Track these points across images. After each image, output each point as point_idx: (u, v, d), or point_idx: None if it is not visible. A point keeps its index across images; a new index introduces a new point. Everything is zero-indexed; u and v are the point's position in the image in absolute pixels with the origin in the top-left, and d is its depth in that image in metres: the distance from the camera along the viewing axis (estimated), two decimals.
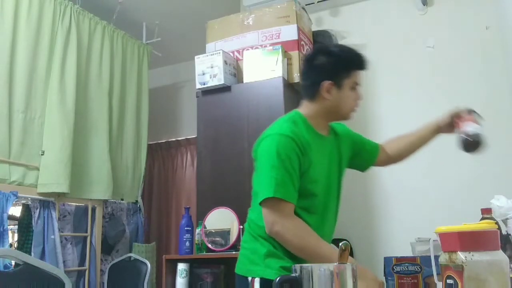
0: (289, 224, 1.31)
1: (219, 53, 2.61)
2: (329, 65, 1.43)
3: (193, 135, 3.85)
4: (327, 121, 1.50)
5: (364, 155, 1.65)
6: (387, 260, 1.34)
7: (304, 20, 2.78)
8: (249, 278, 1.37)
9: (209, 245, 2.39)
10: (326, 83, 1.40)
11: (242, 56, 2.70)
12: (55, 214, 2.92)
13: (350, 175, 2.89)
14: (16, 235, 3.46)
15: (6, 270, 2.18)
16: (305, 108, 1.48)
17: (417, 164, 2.75)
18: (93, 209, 3.28)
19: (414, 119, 2.84)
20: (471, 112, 1.66)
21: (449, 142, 2.70)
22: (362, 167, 1.70)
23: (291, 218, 1.32)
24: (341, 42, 3.06)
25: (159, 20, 3.77)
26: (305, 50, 2.69)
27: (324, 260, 1.22)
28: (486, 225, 0.78)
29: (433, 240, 1.25)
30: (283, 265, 1.35)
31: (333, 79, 1.41)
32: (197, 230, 2.45)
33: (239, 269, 1.46)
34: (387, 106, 2.92)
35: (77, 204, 3.20)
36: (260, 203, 1.33)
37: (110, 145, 3.37)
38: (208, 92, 2.68)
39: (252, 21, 2.77)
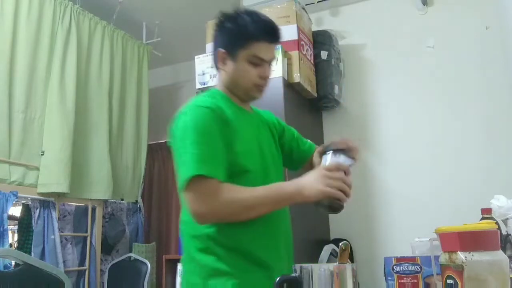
0: (219, 199, 1.12)
1: None
2: (226, 33, 1.29)
3: None
4: (237, 96, 1.33)
5: (299, 153, 1.50)
6: (387, 260, 1.34)
7: (304, 20, 2.77)
8: None
9: None
10: (220, 52, 1.29)
11: None
12: (55, 214, 2.92)
13: None
14: (16, 235, 3.46)
15: (6, 270, 2.18)
16: (217, 81, 1.38)
17: (417, 164, 2.75)
18: (93, 209, 3.28)
19: (414, 118, 2.85)
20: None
21: (449, 142, 2.71)
22: (294, 166, 1.52)
23: (219, 192, 1.12)
24: (341, 42, 3.06)
25: (159, 20, 3.77)
26: (305, 50, 2.69)
27: (274, 201, 1.16)
28: (486, 225, 0.78)
29: (433, 240, 1.25)
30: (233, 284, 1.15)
31: (227, 48, 1.27)
32: None
33: None
34: (387, 106, 2.92)
35: (77, 204, 3.20)
36: (183, 190, 1.13)
37: (110, 145, 3.37)
38: None
39: None
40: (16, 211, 3.19)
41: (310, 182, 1.13)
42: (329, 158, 1.19)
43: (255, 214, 1.18)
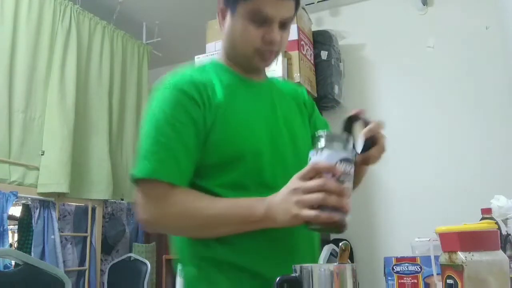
0: (165, 208, 0.92)
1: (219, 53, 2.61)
2: None
3: None
4: (236, 64, 1.07)
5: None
6: (387, 260, 1.34)
7: (304, 20, 2.77)
8: None
9: None
10: (221, 6, 1.04)
11: None
12: (55, 214, 2.92)
13: None
14: (16, 235, 3.46)
15: (6, 270, 2.18)
16: (221, 51, 1.13)
17: (417, 164, 2.75)
18: (93, 209, 3.28)
19: (414, 118, 2.85)
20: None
21: (449, 142, 2.71)
22: None
23: (167, 200, 0.92)
24: (341, 42, 3.06)
25: (159, 20, 3.77)
26: (305, 50, 2.69)
27: (237, 222, 0.89)
28: (486, 225, 0.78)
29: (433, 240, 1.25)
30: None
31: (228, 1, 1.01)
32: None
33: None
34: (387, 106, 2.92)
35: (77, 204, 3.20)
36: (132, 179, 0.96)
37: (110, 145, 3.37)
38: None
39: None
40: (16, 211, 3.19)
41: (278, 203, 0.84)
42: (312, 155, 0.83)
43: (214, 234, 0.94)
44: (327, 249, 2.27)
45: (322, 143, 0.82)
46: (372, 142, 0.91)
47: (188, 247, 1.00)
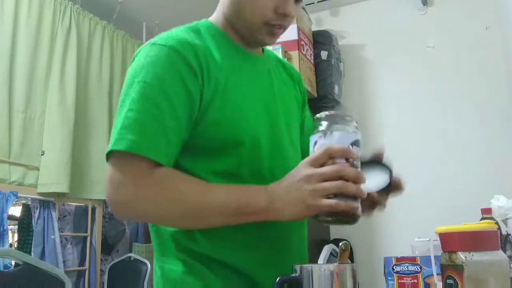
0: (143, 190, 0.76)
1: None
2: None
3: None
4: (239, 34, 0.90)
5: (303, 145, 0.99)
6: (387, 260, 1.34)
7: (304, 20, 2.77)
8: None
9: None
10: None
11: None
12: (55, 214, 2.92)
13: None
14: (16, 235, 3.46)
15: (6, 270, 2.18)
16: (216, 11, 0.95)
17: (417, 164, 2.75)
18: (93, 209, 3.28)
19: (414, 118, 2.85)
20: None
21: (449, 142, 2.71)
22: None
23: (147, 175, 0.76)
24: (341, 42, 3.06)
25: (159, 20, 3.77)
26: (305, 50, 2.69)
27: (232, 213, 0.77)
28: (486, 225, 0.78)
29: (433, 240, 1.25)
30: None
31: None
32: None
33: None
34: (387, 106, 2.92)
35: (77, 204, 3.20)
36: (107, 160, 0.79)
37: None
38: None
39: None
40: (16, 211, 3.19)
41: (285, 192, 0.73)
42: (317, 139, 0.73)
43: (201, 225, 0.80)
44: (327, 249, 2.27)
45: (329, 124, 0.72)
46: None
47: (171, 240, 0.85)
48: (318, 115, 0.76)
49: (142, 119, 0.77)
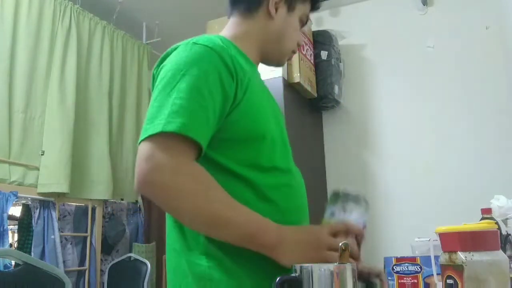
0: (183, 170, 0.79)
1: None
2: None
3: None
4: (258, 52, 1.05)
5: None
6: (387, 260, 1.34)
7: None
8: None
9: None
10: None
11: None
12: (55, 214, 2.92)
13: (348, 174, 2.90)
14: (16, 235, 3.46)
15: (6, 270, 2.18)
16: (233, 27, 1.05)
17: (417, 164, 2.75)
18: (93, 209, 3.28)
19: (414, 118, 2.85)
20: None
21: (449, 142, 2.71)
22: None
23: (189, 164, 0.80)
24: (341, 42, 3.06)
25: (159, 20, 3.77)
26: (305, 50, 2.69)
27: (240, 232, 0.81)
28: (486, 225, 0.78)
29: (433, 240, 1.25)
30: None
31: None
32: None
33: None
34: (387, 106, 2.92)
35: (77, 204, 3.20)
36: (140, 142, 0.81)
37: (110, 145, 3.37)
38: None
39: None
40: (16, 211, 3.19)
41: (294, 242, 0.81)
42: (336, 212, 0.86)
43: (212, 233, 0.83)
44: None
45: (349, 202, 0.86)
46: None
47: (198, 234, 0.86)
48: (341, 191, 0.89)
49: (191, 106, 0.81)
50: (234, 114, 0.88)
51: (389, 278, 1.30)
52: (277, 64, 1.11)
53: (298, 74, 2.53)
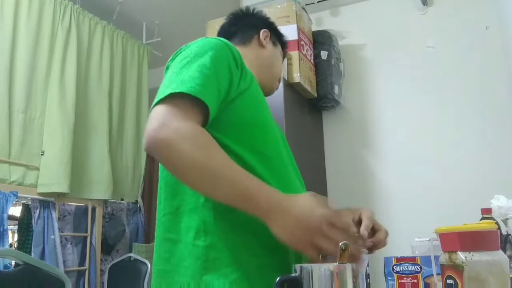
0: (188, 127, 0.81)
1: None
2: (269, 20, 1.33)
3: None
4: (258, 76, 1.14)
5: None
6: (387, 260, 1.34)
7: (304, 20, 2.77)
8: None
9: None
10: (265, 30, 1.25)
11: None
12: (55, 214, 2.92)
13: (348, 174, 2.90)
14: (16, 235, 3.46)
15: (6, 270, 2.18)
16: None
17: (417, 164, 2.75)
18: (93, 209, 3.28)
19: (414, 118, 2.85)
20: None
21: (449, 141, 2.71)
22: None
23: (193, 125, 0.83)
24: (341, 42, 3.06)
25: (159, 20, 3.77)
26: (305, 50, 2.69)
27: (239, 191, 0.80)
28: (486, 225, 0.78)
29: (433, 240, 1.25)
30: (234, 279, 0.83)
31: (272, 32, 1.28)
32: None
33: None
34: (387, 106, 2.92)
35: (77, 204, 3.20)
36: (151, 109, 0.85)
37: (110, 145, 3.37)
38: None
39: None
40: (16, 211, 3.19)
41: (289, 220, 0.78)
42: None
43: (211, 190, 0.83)
44: None
45: None
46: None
47: (229, 248, 0.86)
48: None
49: (201, 77, 0.87)
50: (242, 99, 0.95)
51: (389, 278, 1.30)
52: (269, 91, 1.24)
53: (298, 74, 2.53)
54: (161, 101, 0.83)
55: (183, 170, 0.82)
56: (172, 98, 0.83)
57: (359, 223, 0.98)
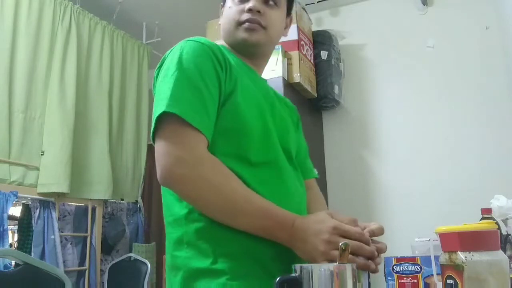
0: (205, 161, 0.85)
1: None
2: None
3: None
4: (233, 49, 1.10)
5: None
6: (387, 260, 1.34)
7: (304, 20, 2.78)
8: None
9: None
10: (221, 5, 1.16)
11: None
12: (55, 214, 2.92)
13: (348, 174, 2.90)
14: (16, 235, 3.46)
15: (6, 270, 2.18)
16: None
17: (417, 164, 2.75)
18: (93, 209, 3.28)
19: (414, 118, 2.85)
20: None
21: (449, 141, 2.71)
22: None
23: (205, 154, 0.86)
24: (341, 42, 3.06)
25: (159, 20, 3.77)
26: (305, 50, 2.69)
27: (260, 221, 0.84)
28: (486, 225, 0.78)
29: (433, 240, 1.24)
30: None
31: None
32: None
33: None
34: (387, 106, 2.92)
35: (77, 204, 3.20)
36: (153, 138, 0.89)
37: (110, 145, 3.37)
38: None
39: None
40: (16, 211, 3.19)
41: (309, 244, 0.82)
42: None
43: (234, 223, 0.86)
44: None
45: None
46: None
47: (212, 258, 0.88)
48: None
49: (183, 93, 0.88)
50: (227, 104, 0.93)
51: (389, 278, 1.30)
52: (241, 45, 1.08)
53: (298, 74, 2.53)
54: (162, 130, 0.87)
55: (202, 206, 0.87)
56: (174, 124, 0.86)
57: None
